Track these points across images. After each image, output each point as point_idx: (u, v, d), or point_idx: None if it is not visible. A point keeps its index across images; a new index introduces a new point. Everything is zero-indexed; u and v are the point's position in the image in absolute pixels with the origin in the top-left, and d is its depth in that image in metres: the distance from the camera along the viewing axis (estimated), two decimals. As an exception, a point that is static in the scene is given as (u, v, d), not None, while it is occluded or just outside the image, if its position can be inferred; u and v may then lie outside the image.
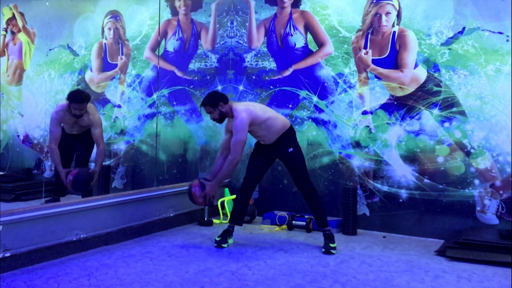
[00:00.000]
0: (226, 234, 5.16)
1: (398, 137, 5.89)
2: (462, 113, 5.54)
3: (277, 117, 5.11)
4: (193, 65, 7.41)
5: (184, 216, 6.16)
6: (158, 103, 7.65)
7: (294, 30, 6.60)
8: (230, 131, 5.06)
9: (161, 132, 7.58)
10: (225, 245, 5.06)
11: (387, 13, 5.96)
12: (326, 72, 6.34)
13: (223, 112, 5.03)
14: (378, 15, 6.01)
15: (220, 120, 5.09)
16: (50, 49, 8.49)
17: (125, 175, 7.88)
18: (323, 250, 4.95)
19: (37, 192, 7.49)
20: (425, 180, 5.70)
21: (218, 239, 5.10)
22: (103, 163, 6.69)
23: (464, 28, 5.55)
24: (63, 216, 4.69)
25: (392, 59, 5.94)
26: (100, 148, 6.10)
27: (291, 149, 5.09)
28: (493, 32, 5.40)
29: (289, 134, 5.11)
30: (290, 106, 6.53)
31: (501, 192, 5.34)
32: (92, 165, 6.55)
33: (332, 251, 4.91)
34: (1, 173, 8.30)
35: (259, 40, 6.84)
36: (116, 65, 8.08)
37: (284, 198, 6.53)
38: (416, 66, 5.80)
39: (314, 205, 5.12)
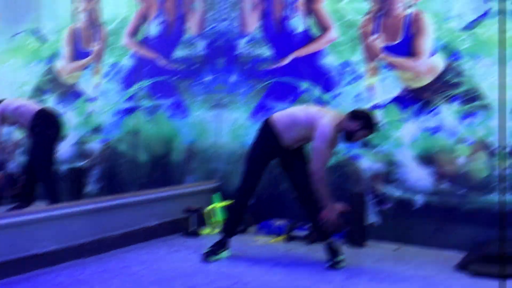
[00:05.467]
0: (218, 245, 5.20)
1: (412, 135, 5.98)
2: (487, 107, 5.60)
3: None
4: (178, 53, 7.55)
5: (168, 225, 6.24)
6: (139, 96, 7.80)
7: (294, 13, 6.70)
8: None
9: (141, 129, 7.72)
10: (213, 258, 5.09)
11: (401, -7, 6.08)
12: (330, 61, 6.44)
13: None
14: (390, -5, 6.14)
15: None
16: (14, 34, 8.55)
17: (101, 178, 8.00)
18: (329, 264, 4.98)
19: (-1, 198, 7.59)
20: (444, 184, 5.78)
21: (207, 250, 5.11)
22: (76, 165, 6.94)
23: (489, 9, 5.60)
24: (29, 226, 4.72)
25: (406, 46, 6.03)
26: None
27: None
28: (521, 15, 5.46)
29: None
30: (290, 99, 6.61)
31: (530, 197, 5.39)
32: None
33: (339, 265, 4.94)
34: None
35: (253, 24, 6.90)
36: (90, 53, 8.26)
37: (283, 204, 6.58)
38: (433, 53, 5.88)
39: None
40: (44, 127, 6.65)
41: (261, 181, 5.42)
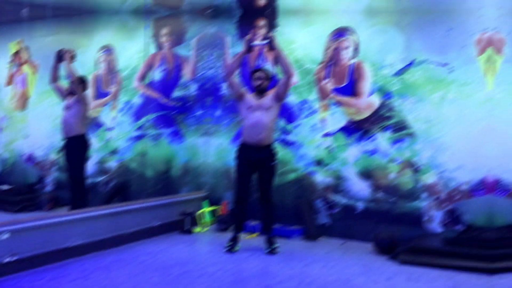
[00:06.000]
0: (235, 240, 6.08)
1: (355, 156, 6.77)
2: (412, 135, 6.39)
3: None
4: (176, 93, 8.40)
5: (167, 225, 6.93)
6: (146, 126, 8.54)
7: (264, 62, 7.46)
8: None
9: (148, 151, 8.47)
10: (233, 250, 5.99)
11: (346, 48, 6.89)
12: (292, 99, 7.20)
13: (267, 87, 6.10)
14: (338, 49, 6.94)
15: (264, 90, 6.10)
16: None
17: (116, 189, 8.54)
18: (268, 251, 5.94)
19: (39, 204, 8.68)
20: (379, 194, 6.61)
21: (227, 246, 6.06)
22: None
23: (413, 60, 6.37)
24: (62, 225, 5.34)
25: (350, 88, 6.82)
26: None
27: (273, 162, 6.07)
28: (439, 64, 6.24)
29: (273, 148, 6.11)
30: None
31: (444, 204, 6.21)
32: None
33: (275, 250, 5.92)
34: (8, 187, 9.38)
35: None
36: (108, 93, 8.99)
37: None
38: (371, 94, 6.66)
39: (270, 213, 6.10)
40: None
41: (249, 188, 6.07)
